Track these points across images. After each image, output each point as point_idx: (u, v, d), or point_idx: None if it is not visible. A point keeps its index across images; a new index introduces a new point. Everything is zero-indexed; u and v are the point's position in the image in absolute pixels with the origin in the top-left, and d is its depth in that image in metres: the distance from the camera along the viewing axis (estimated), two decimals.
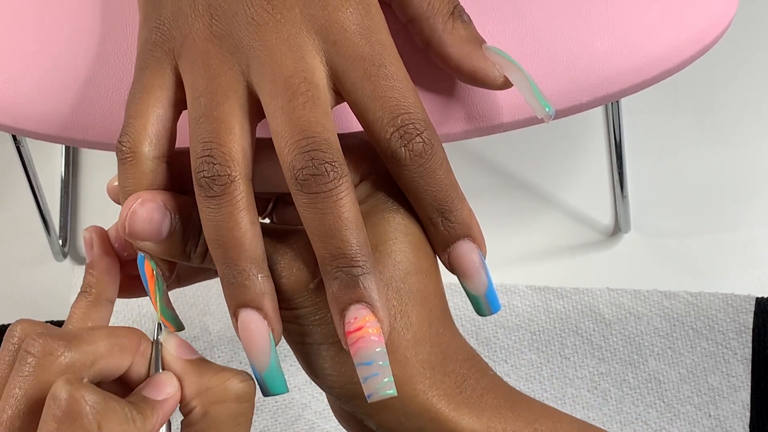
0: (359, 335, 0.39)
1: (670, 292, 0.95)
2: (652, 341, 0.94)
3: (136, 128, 0.42)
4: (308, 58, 0.41)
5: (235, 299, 0.41)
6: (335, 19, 0.41)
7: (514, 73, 0.46)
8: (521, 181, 1.04)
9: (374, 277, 0.40)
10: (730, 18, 0.52)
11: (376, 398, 0.40)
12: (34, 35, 0.50)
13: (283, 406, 0.94)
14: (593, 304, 0.95)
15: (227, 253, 0.40)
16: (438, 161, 0.41)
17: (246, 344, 0.41)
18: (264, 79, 0.41)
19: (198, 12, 0.42)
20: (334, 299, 0.40)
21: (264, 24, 0.41)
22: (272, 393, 0.42)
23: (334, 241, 0.39)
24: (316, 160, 0.39)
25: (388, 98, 0.41)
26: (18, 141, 0.88)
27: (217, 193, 0.40)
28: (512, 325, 0.95)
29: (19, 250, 1.02)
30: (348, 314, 0.40)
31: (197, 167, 0.40)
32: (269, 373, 0.41)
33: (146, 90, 0.42)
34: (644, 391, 0.93)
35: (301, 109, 0.40)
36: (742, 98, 1.07)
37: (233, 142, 0.40)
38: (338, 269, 0.40)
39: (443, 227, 0.42)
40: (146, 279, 0.43)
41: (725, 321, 0.94)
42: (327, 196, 0.39)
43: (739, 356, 0.93)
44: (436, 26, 0.46)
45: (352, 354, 0.40)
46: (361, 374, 0.40)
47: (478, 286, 0.43)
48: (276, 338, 0.41)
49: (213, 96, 0.41)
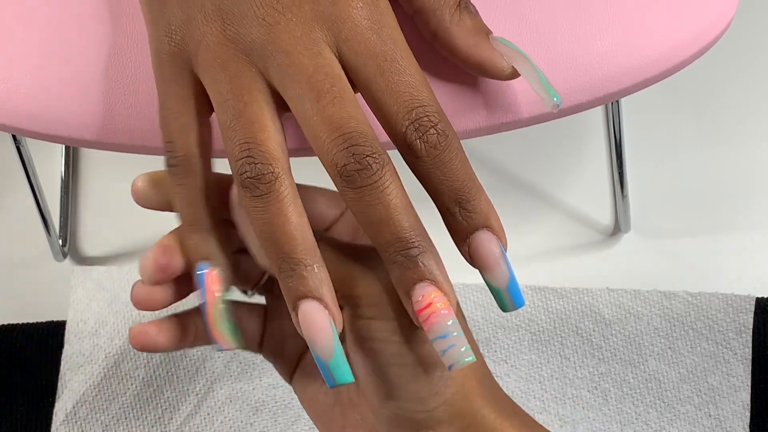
0: (430, 311, 0.40)
1: (670, 292, 0.95)
2: (652, 341, 0.94)
3: (184, 141, 0.43)
4: (325, 53, 0.41)
5: (295, 291, 0.41)
6: (346, 15, 0.41)
7: (521, 63, 0.46)
8: (521, 181, 1.04)
9: (432, 254, 0.41)
10: (730, 18, 0.52)
11: (457, 367, 0.41)
12: (34, 35, 0.50)
13: (282, 407, 0.93)
14: (593, 305, 0.95)
15: (282, 248, 0.41)
16: (453, 152, 0.41)
17: (309, 335, 0.41)
18: (286, 81, 0.41)
19: (209, 17, 0.42)
20: (398, 283, 0.41)
21: (276, 24, 0.41)
22: (339, 383, 0.42)
23: (388, 228, 0.40)
24: (357, 155, 0.40)
25: (402, 92, 0.41)
26: (18, 141, 0.88)
27: (264, 191, 0.40)
28: (512, 325, 0.95)
29: (19, 250, 1.02)
30: (414, 293, 0.41)
31: (239, 169, 0.41)
32: (335, 362, 0.41)
33: (179, 101, 0.43)
34: (644, 391, 0.93)
35: (331, 106, 0.40)
36: (742, 98, 1.07)
37: (270, 140, 0.41)
38: (396, 253, 0.41)
39: (461, 217, 0.42)
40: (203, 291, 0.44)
41: (725, 321, 0.94)
42: (373, 188, 0.40)
43: (739, 356, 0.93)
44: (443, 18, 0.46)
45: (426, 330, 0.41)
46: (438, 348, 0.41)
47: (500, 277, 0.43)
48: (338, 326, 0.42)
49: (239, 98, 0.41)
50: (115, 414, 0.93)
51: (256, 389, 0.94)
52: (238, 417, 0.93)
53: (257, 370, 0.94)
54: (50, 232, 0.98)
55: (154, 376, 0.94)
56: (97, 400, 0.93)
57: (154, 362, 0.94)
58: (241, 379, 0.94)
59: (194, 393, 0.94)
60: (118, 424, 0.93)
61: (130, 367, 0.94)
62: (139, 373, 0.94)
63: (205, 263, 0.44)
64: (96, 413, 0.93)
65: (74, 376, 0.94)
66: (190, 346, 0.48)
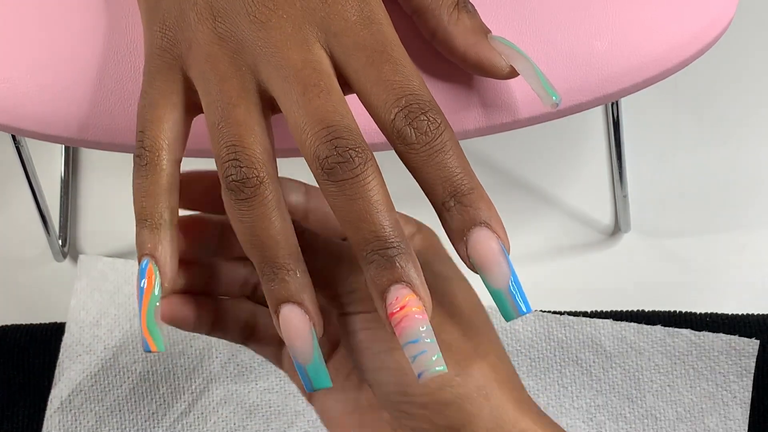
0: (402, 314, 0.39)
1: (673, 329, 0.94)
2: (652, 377, 0.93)
3: (155, 133, 0.43)
4: (314, 50, 0.41)
5: (276, 295, 0.41)
6: (335, 11, 0.41)
7: (520, 62, 0.46)
8: (521, 181, 1.04)
9: (410, 256, 0.40)
10: (730, 18, 0.52)
11: (427, 376, 0.39)
12: (34, 35, 0.50)
13: (276, 412, 0.94)
14: (595, 336, 0.95)
15: (264, 252, 0.41)
16: (447, 140, 0.40)
17: (289, 339, 0.41)
18: (274, 76, 0.41)
19: (201, 14, 0.42)
20: (372, 283, 0.40)
21: (267, 21, 0.41)
22: (316, 387, 0.42)
23: (366, 225, 0.39)
24: (340, 147, 0.39)
25: (392, 81, 0.40)
26: (18, 141, 0.88)
27: (248, 195, 0.40)
28: (512, 349, 0.94)
29: (19, 250, 1.02)
30: (389, 296, 0.39)
31: (225, 172, 0.41)
32: (313, 366, 0.41)
33: (161, 95, 0.43)
34: (640, 426, 0.92)
35: (317, 99, 0.40)
36: (742, 98, 1.07)
37: (256, 144, 0.41)
38: (373, 252, 0.39)
39: (457, 212, 0.40)
40: (143, 287, 0.43)
41: (727, 363, 0.93)
42: (355, 182, 0.39)
43: (739, 399, 0.93)
44: (441, 17, 0.46)
45: (397, 335, 0.39)
46: (408, 354, 0.39)
47: (499, 277, 0.40)
48: (318, 331, 0.41)
49: (228, 99, 0.41)
50: (110, 405, 0.93)
51: (252, 392, 0.94)
52: (232, 419, 0.93)
53: (254, 373, 0.94)
54: (50, 232, 0.98)
55: (151, 371, 0.94)
56: (93, 390, 0.93)
57: (151, 358, 0.94)
58: (237, 381, 0.94)
59: (189, 391, 0.94)
60: (111, 415, 0.93)
61: (128, 361, 0.94)
62: (137, 368, 0.94)
63: (147, 259, 0.43)
64: (91, 403, 0.93)
65: (72, 365, 0.94)
66: (207, 333, 0.48)
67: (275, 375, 0.94)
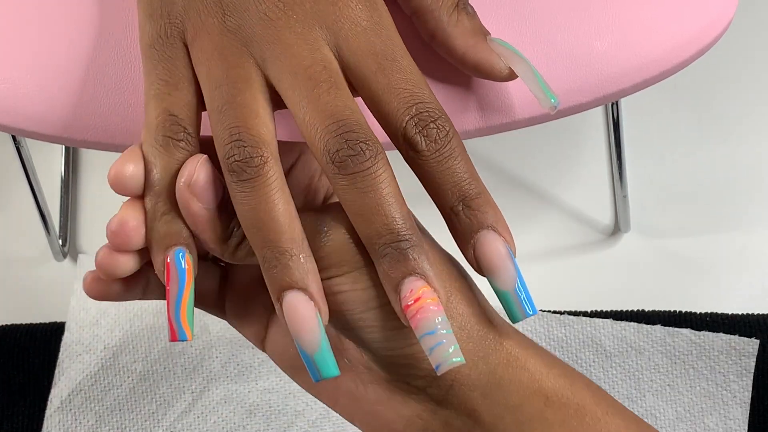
0: (418, 306, 0.39)
1: (673, 329, 0.94)
2: (652, 377, 0.93)
3: (194, 117, 0.42)
4: (324, 50, 0.41)
5: (279, 282, 0.40)
6: (345, 16, 0.42)
7: (518, 64, 0.46)
8: (521, 180, 1.04)
9: (423, 248, 0.40)
10: (729, 18, 0.52)
11: (444, 368, 0.39)
12: (34, 36, 0.50)
13: (276, 412, 0.94)
14: (595, 335, 0.95)
15: (267, 235, 0.40)
16: (455, 147, 0.41)
17: (294, 328, 0.40)
18: (283, 72, 0.41)
19: (209, 8, 0.42)
20: (386, 277, 0.40)
21: (277, 20, 0.41)
22: (324, 377, 0.40)
23: (378, 218, 0.39)
24: (351, 141, 0.39)
25: (403, 89, 0.41)
26: (18, 141, 0.88)
27: (251, 175, 0.40)
28: None
29: (19, 250, 1.02)
30: (403, 288, 0.39)
31: (227, 153, 0.40)
32: (320, 355, 0.40)
33: (173, 81, 0.42)
34: None
35: (326, 95, 0.40)
36: (742, 98, 1.07)
37: (260, 125, 0.40)
38: (386, 246, 0.39)
39: (465, 216, 0.41)
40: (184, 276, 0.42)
41: (727, 363, 0.93)
42: (366, 175, 0.39)
43: (738, 399, 0.93)
44: (440, 18, 0.46)
45: (413, 327, 0.39)
46: (425, 346, 0.39)
47: (506, 279, 0.41)
48: (324, 319, 0.40)
49: (234, 84, 0.41)
50: (110, 405, 0.93)
51: (252, 392, 0.94)
52: (232, 418, 0.93)
53: (254, 373, 0.94)
54: (50, 232, 0.98)
55: (150, 370, 0.94)
56: (93, 390, 0.93)
57: (152, 357, 0.94)
58: (237, 381, 0.94)
59: (189, 391, 0.94)
60: (111, 415, 0.93)
61: (128, 360, 0.94)
62: (136, 367, 0.94)
63: (181, 248, 0.42)
64: (91, 403, 0.93)
65: (72, 364, 0.94)
66: (140, 298, 0.45)
67: (275, 375, 0.94)
